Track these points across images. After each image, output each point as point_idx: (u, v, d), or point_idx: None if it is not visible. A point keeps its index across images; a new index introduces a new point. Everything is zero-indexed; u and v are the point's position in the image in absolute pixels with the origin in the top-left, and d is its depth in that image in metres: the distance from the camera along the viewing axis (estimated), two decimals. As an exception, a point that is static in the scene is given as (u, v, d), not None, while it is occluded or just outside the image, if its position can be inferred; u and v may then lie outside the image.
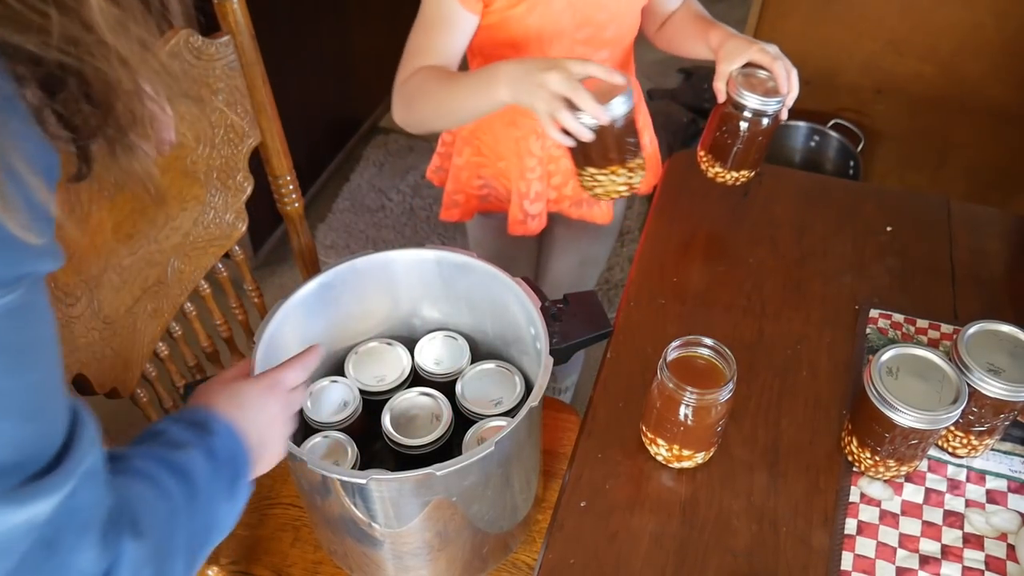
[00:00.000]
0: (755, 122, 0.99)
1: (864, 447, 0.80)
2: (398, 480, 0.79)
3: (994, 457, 0.85)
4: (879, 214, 1.14)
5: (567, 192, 1.24)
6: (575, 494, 0.82)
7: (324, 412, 0.98)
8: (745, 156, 1.03)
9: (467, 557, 0.94)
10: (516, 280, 0.95)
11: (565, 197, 1.25)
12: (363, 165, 2.54)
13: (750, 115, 0.98)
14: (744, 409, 0.89)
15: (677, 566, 0.76)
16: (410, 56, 1.04)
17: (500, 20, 1.04)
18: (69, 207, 0.77)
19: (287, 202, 1.13)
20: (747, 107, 0.98)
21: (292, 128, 1.14)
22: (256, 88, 1.00)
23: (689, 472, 0.84)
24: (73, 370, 0.80)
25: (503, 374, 1.02)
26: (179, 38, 0.89)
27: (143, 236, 0.90)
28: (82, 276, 0.81)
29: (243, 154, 1.03)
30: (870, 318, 0.99)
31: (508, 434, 0.80)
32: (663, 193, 1.19)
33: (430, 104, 1.01)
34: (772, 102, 0.97)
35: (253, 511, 1.10)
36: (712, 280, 1.04)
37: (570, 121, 0.86)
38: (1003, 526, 0.79)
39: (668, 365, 0.78)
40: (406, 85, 1.03)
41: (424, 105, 1.02)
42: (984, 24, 1.68)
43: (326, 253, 2.26)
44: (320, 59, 2.27)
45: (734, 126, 1.00)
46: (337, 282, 0.98)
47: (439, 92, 0.99)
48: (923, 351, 0.79)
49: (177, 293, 0.98)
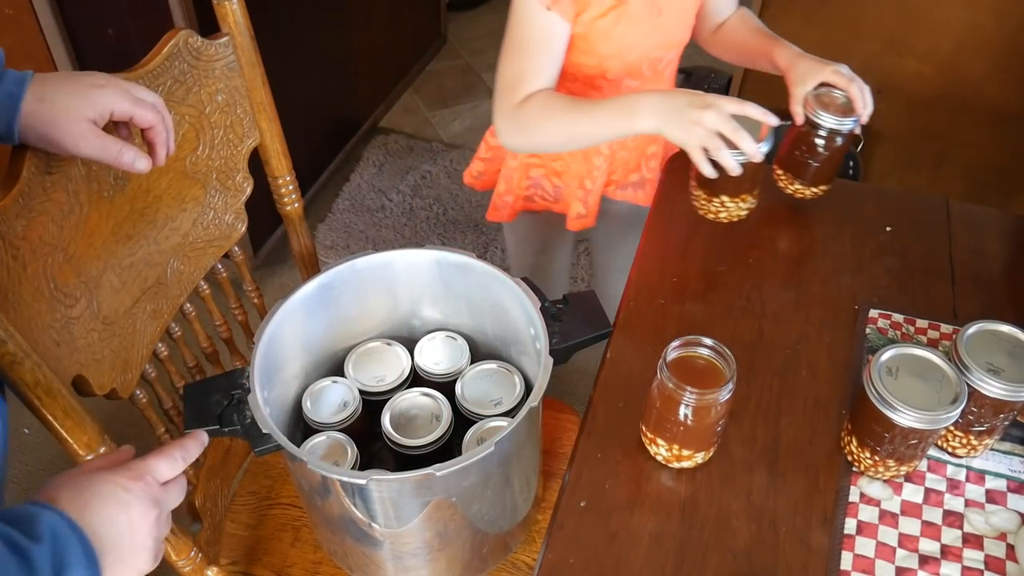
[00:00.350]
0: (831, 140, 1.03)
1: (864, 447, 0.80)
2: (398, 480, 0.79)
3: (993, 457, 0.85)
4: (879, 214, 1.14)
5: (614, 178, 1.28)
6: (575, 494, 0.82)
7: (324, 412, 0.98)
8: (822, 172, 1.07)
9: (467, 557, 0.94)
10: (516, 280, 0.95)
11: (612, 182, 1.28)
12: (363, 165, 2.54)
13: (826, 134, 1.02)
14: (744, 409, 0.89)
15: (677, 566, 0.76)
16: (519, 81, 1.04)
17: (585, 30, 1.06)
18: (68, 207, 0.78)
19: (286, 203, 1.13)
20: (824, 127, 1.02)
21: (292, 128, 1.14)
22: (255, 89, 1.00)
23: (689, 472, 0.84)
24: (72, 371, 0.80)
25: (503, 374, 1.02)
26: (178, 39, 0.89)
27: (142, 237, 0.90)
28: (81, 277, 0.81)
29: (242, 155, 1.03)
30: (870, 318, 0.99)
31: (508, 434, 0.80)
32: (663, 193, 1.19)
33: (556, 129, 1.03)
34: (848, 121, 1.01)
35: (253, 511, 1.10)
36: (712, 280, 1.04)
37: (727, 159, 0.91)
38: (1002, 526, 0.79)
39: (668, 365, 0.78)
40: (523, 110, 1.03)
41: (548, 130, 1.03)
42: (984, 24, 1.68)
43: (326, 253, 2.26)
44: (320, 59, 2.27)
45: (811, 145, 1.04)
46: (337, 282, 0.99)
47: (568, 118, 1.02)
48: (923, 351, 0.79)
49: (177, 294, 0.98)
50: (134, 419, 1.00)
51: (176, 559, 0.92)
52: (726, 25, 1.21)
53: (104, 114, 0.71)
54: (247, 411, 0.83)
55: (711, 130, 0.90)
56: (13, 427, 1.82)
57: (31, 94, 0.69)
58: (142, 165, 0.73)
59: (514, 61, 1.05)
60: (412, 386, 1.02)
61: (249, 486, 1.13)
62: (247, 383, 0.85)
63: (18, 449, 1.79)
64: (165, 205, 0.92)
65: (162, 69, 0.87)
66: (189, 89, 0.91)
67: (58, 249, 0.77)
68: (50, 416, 0.73)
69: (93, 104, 0.70)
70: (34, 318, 0.74)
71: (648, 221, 1.14)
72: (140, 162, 0.73)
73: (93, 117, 0.70)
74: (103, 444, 0.79)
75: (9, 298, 0.71)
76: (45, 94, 0.69)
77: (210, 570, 0.96)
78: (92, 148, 0.71)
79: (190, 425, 0.85)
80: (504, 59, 1.05)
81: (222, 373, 0.89)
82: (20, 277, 0.72)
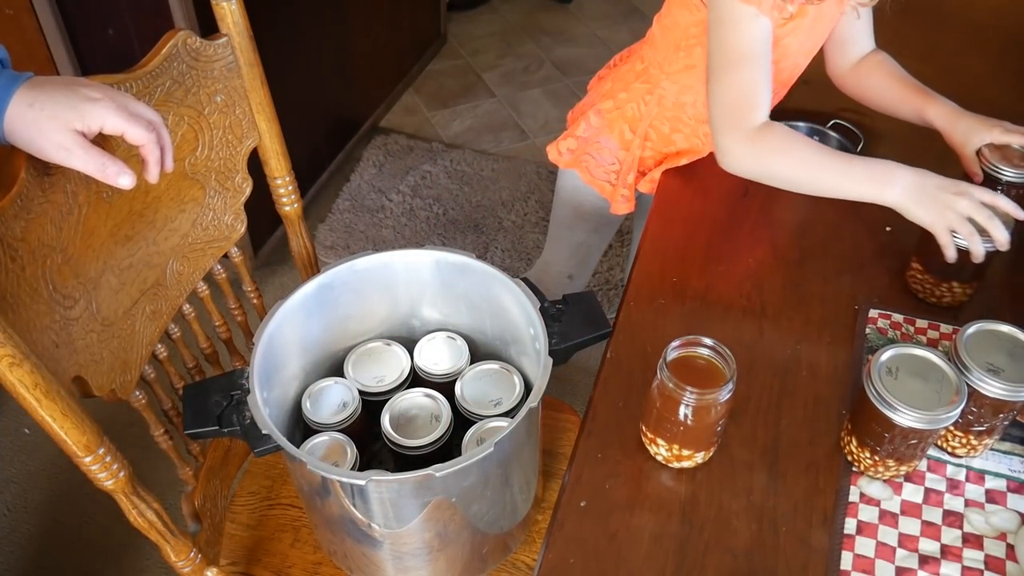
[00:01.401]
0: (1009, 190, 1.02)
1: (863, 447, 0.80)
2: (398, 481, 0.79)
3: (993, 457, 0.85)
4: (879, 214, 1.14)
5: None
6: (575, 494, 0.82)
7: (324, 413, 0.98)
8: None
9: (467, 557, 0.94)
10: (515, 280, 0.95)
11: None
12: (363, 165, 2.54)
13: (1002, 187, 1.03)
14: (744, 409, 0.89)
15: (677, 566, 0.76)
16: (750, 96, 1.02)
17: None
18: (67, 209, 0.77)
19: (285, 203, 1.13)
20: (1004, 180, 1.02)
21: (292, 128, 1.14)
22: (255, 89, 1.00)
23: (689, 472, 0.84)
24: (71, 372, 0.80)
25: (502, 375, 1.02)
26: (177, 39, 0.89)
27: (141, 238, 0.90)
28: (80, 278, 0.81)
29: (242, 155, 1.03)
30: (869, 318, 0.99)
31: (508, 435, 0.80)
32: (663, 193, 1.19)
33: (798, 168, 1.02)
34: None
35: (253, 512, 1.10)
36: (712, 280, 1.04)
37: (978, 244, 0.91)
38: (1002, 526, 0.79)
39: (668, 365, 0.78)
40: (764, 138, 1.02)
41: (788, 165, 1.02)
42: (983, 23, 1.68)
43: (326, 253, 2.26)
44: (320, 59, 2.27)
45: None
46: (336, 283, 0.99)
47: (816, 162, 1.01)
48: (922, 351, 0.79)
49: (176, 295, 0.98)
50: (134, 420, 1.00)
51: (175, 560, 0.92)
52: (867, 64, 1.22)
53: (94, 127, 0.70)
54: (246, 412, 0.83)
55: (963, 216, 0.92)
56: (13, 427, 1.82)
57: (22, 97, 0.68)
58: (126, 182, 0.72)
59: (735, 77, 1.02)
60: (412, 386, 1.02)
61: (249, 486, 1.13)
62: (246, 384, 0.85)
63: (18, 449, 1.79)
64: (164, 206, 0.92)
65: (161, 70, 0.87)
66: (188, 90, 0.91)
67: (57, 250, 0.77)
68: (49, 417, 0.73)
69: (83, 116, 0.69)
70: (33, 319, 0.74)
71: (648, 221, 1.14)
72: (124, 178, 0.72)
73: (81, 129, 0.70)
74: (102, 445, 0.79)
75: (8, 300, 0.71)
76: (36, 99, 0.68)
77: (209, 571, 0.96)
78: (76, 160, 0.70)
79: (190, 426, 0.85)
80: (721, 77, 1.02)
81: (221, 374, 0.89)
82: (19, 279, 0.72)
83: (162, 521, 0.88)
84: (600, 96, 1.29)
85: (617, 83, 1.26)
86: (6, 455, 1.79)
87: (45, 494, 1.72)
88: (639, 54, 1.25)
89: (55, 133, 0.69)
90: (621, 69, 1.28)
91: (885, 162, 0.98)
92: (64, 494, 1.72)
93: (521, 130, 2.76)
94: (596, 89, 1.34)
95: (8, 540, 1.64)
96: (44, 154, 0.70)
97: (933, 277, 0.99)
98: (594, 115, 1.27)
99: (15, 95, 0.68)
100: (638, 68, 1.24)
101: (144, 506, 0.86)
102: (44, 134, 0.69)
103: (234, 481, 1.12)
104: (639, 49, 1.26)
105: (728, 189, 1.18)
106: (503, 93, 2.93)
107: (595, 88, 1.35)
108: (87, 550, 1.64)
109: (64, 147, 0.69)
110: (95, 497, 1.69)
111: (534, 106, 2.86)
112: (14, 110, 0.68)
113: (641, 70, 1.23)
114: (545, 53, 3.13)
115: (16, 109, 0.68)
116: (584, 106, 1.34)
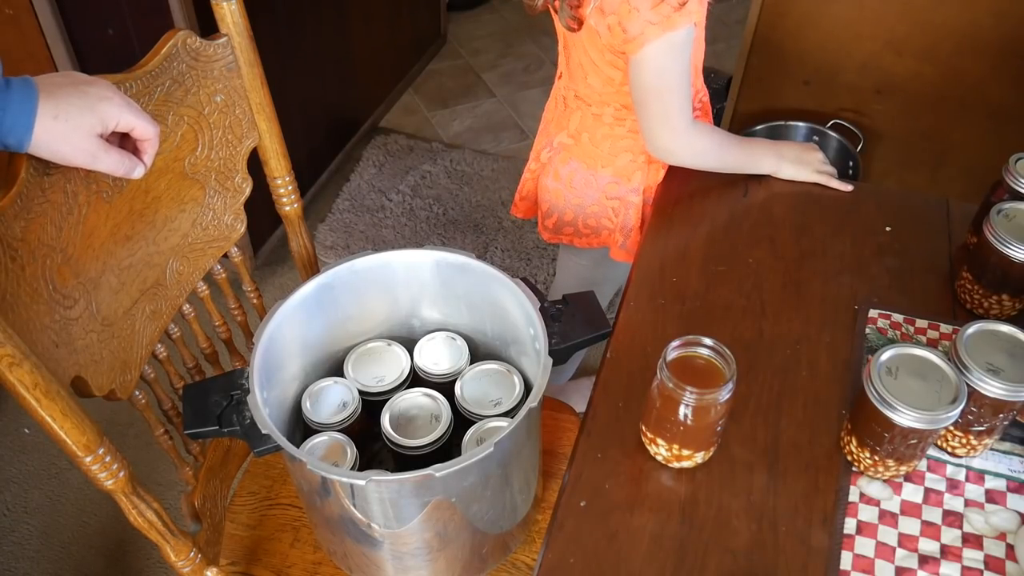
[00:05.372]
0: None
1: (863, 447, 0.80)
2: (397, 481, 0.79)
3: (993, 457, 0.85)
4: (878, 214, 1.14)
5: None
6: (575, 494, 0.82)
7: (323, 413, 0.98)
8: None
9: (467, 557, 0.94)
10: (515, 280, 0.95)
11: None
12: (363, 165, 2.54)
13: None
14: (744, 409, 0.89)
15: (677, 566, 0.76)
16: (689, 98, 1.14)
17: None
18: (67, 209, 0.77)
19: (285, 203, 1.13)
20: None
21: (292, 128, 1.14)
22: (254, 89, 1.00)
23: (689, 472, 0.84)
24: (71, 372, 0.80)
25: (502, 375, 1.02)
26: (177, 39, 0.89)
27: (141, 238, 0.90)
28: (80, 278, 0.81)
29: (241, 155, 1.03)
30: (869, 318, 0.99)
31: (507, 435, 0.80)
32: (663, 193, 1.19)
33: (726, 157, 1.19)
34: None
35: (253, 512, 1.10)
36: (712, 280, 1.04)
37: (836, 182, 1.19)
38: (1002, 526, 0.79)
39: (668, 365, 0.78)
40: (698, 127, 1.15)
41: (723, 156, 1.19)
42: (983, 24, 1.68)
43: (326, 253, 2.26)
44: (320, 59, 2.27)
45: None
46: (336, 283, 0.99)
47: (732, 150, 1.19)
48: (922, 351, 0.79)
49: (176, 295, 0.98)
50: (134, 420, 1.00)
51: (175, 559, 0.92)
52: None
53: (109, 127, 0.72)
54: (246, 412, 0.83)
55: (818, 169, 1.19)
56: (13, 427, 1.82)
57: (45, 110, 0.68)
58: (141, 172, 0.77)
59: (684, 83, 1.11)
60: (412, 386, 1.02)
61: (249, 486, 1.13)
62: (246, 384, 0.85)
63: (18, 449, 1.79)
64: (164, 206, 0.92)
65: (161, 70, 0.87)
66: (188, 90, 0.91)
67: (56, 250, 0.77)
68: (49, 417, 0.73)
69: (103, 119, 0.71)
70: (33, 319, 0.74)
71: (648, 221, 1.14)
72: (139, 170, 0.77)
73: (101, 132, 0.71)
74: (102, 445, 0.79)
75: (7, 300, 0.71)
76: (59, 110, 0.68)
77: (209, 571, 0.96)
78: (102, 164, 0.73)
79: (190, 425, 0.85)
80: (674, 86, 1.10)
81: (221, 374, 0.89)
82: (19, 279, 0.72)
83: (162, 521, 0.88)
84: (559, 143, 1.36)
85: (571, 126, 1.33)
86: (6, 455, 1.79)
87: (44, 494, 1.72)
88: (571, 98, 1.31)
89: (81, 141, 0.70)
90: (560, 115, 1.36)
91: (753, 143, 1.21)
92: (64, 494, 1.72)
93: (521, 130, 2.76)
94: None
95: (8, 540, 1.64)
96: (68, 161, 0.71)
97: (983, 288, 0.98)
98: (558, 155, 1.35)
99: (39, 110, 0.67)
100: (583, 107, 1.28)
101: (144, 506, 0.86)
102: (71, 143, 0.70)
103: (234, 481, 1.12)
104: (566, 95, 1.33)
105: (728, 189, 1.18)
106: (503, 93, 2.93)
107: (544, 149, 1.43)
108: (87, 550, 1.64)
109: (90, 153, 0.71)
110: (95, 497, 1.70)
111: (534, 106, 2.85)
112: (41, 124, 0.68)
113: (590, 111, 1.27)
114: (545, 53, 3.12)
115: (43, 123, 0.68)
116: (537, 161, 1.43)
